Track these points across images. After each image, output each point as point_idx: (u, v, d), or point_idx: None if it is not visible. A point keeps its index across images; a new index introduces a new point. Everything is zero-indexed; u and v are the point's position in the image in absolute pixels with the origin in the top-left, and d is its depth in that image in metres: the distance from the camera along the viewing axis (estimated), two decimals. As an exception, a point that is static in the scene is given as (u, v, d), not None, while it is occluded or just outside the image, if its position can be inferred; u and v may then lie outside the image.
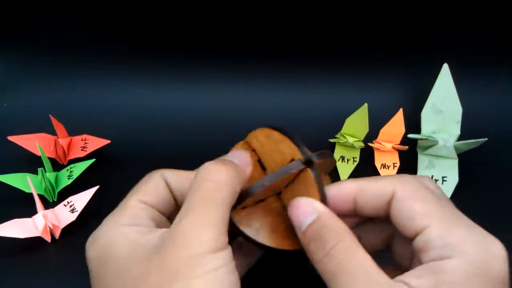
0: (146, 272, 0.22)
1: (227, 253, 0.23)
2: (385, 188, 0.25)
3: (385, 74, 0.48)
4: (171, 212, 0.27)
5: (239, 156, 0.27)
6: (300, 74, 0.48)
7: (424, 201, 0.23)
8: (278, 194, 0.28)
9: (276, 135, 0.27)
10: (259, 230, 0.26)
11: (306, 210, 0.24)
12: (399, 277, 0.22)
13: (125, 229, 0.24)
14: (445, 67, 0.43)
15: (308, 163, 0.25)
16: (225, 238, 0.23)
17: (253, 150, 0.29)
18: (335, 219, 0.24)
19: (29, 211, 0.37)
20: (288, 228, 0.26)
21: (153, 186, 0.27)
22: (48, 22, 0.46)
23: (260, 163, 0.28)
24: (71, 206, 0.38)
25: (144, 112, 0.48)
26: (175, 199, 0.27)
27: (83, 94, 0.48)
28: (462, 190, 0.41)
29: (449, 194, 0.41)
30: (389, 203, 0.24)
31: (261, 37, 0.46)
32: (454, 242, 0.22)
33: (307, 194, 0.26)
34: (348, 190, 0.26)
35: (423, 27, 0.45)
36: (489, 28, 0.45)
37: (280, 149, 0.27)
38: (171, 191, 0.27)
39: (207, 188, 0.24)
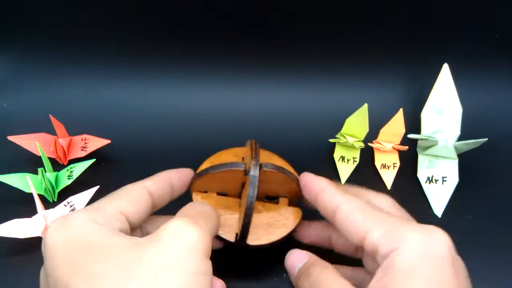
0: (138, 257, 0.23)
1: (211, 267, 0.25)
2: (335, 199, 0.29)
3: (385, 74, 0.48)
4: (141, 223, 0.29)
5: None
6: (300, 74, 0.48)
7: (363, 212, 0.27)
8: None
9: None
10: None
11: (299, 256, 0.30)
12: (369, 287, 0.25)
13: (101, 227, 0.25)
14: (445, 67, 0.43)
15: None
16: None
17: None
18: (319, 259, 0.29)
19: (29, 211, 0.37)
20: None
21: (137, 198, 0.29)
22: (48, 22, 0.46)
23: None
24: (71, 206, 0.38)
25: (144, 112, 0.48)
26: (154, 208, 0.30)
27: (83, 94, 0.48)
28: (462, 190, 0.41)
29: (449, 194, 0.41)
30: (334, 212, 0.29)
31: (261, 37, 0.46)
32: (396, 236, 0.25)
33: (244, 193, 0.31)
34: (316, 186, 0.31)
35: (423, 27, 0.45)
36: (489, 27, 0.45)
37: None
38: (153, 202, 0.30)
39: (202, 211, 0.28)
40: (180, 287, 0.22)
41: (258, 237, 0.32)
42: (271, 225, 0.32)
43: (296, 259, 0.30)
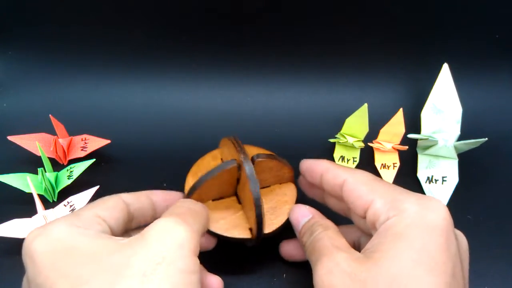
0: (126, 258, 0.23)
1: (200, 268, 0.25)
2: (340, 174, 0.30)
3: (385, 74, 0.48)
4: (121, 233, 0.29)
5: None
6: (300, 74, 0.48)
7: (368, 184, 0.29)
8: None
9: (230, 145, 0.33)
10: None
11: (303, 212, 0.31)
12: (363, 249, 0.26)
13: (82, 230, 0.25)
14: (445, 67, 0.43)
15: (242, 161, 0.31)
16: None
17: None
18: (323, 217, 0.31)
19: (29, 211, 0.37)
20: (240, 219, 0.32)
21: (113, 205, 0.28)
22: (48, 22, 0.46)
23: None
24: (71, 206, 0.38)
25: (144, 112, 0.48)
26: (130, 220, 0.30)
27: (83, 94, 0.48)
28: (462, 190, 0.41)
29: (449, 194, 0.41)
30: (341, 187, 0.30)
31: (261, 37, 0.46)
32: (395, 205, 0.26)
33: (244, 189, 0.32)
34: (318, 167, 0.32)
35: (423, 27, 0.45)
36: (489, 28, 0.45)
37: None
38: (129, 213, 0.29)
39: (190, 209, 0.28)
40: (168, 285, 0.22)
41: (270, 223, 0.32)
42: (275, 208, 0.33)
43: (301, 214, 0.31)
